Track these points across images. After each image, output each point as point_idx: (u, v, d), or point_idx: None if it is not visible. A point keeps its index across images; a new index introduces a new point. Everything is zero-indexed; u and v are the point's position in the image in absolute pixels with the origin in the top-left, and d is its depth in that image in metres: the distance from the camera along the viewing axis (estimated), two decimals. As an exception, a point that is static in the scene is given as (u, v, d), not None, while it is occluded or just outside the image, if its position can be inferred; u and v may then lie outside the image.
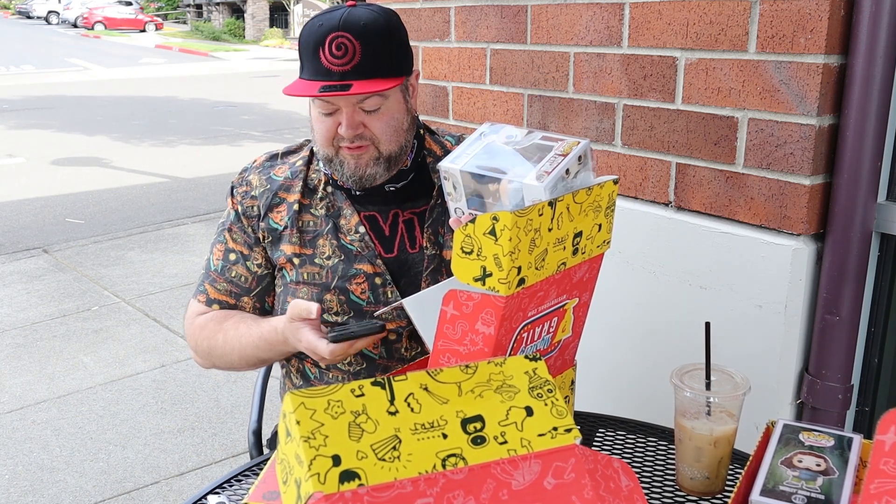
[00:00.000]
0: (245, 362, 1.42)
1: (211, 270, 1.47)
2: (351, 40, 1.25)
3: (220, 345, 1.42)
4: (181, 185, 7.29)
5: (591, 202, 1.03)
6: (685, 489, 1.13)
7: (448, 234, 1.40)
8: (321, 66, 1.26)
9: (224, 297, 1.46)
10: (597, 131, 1.87)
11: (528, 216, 0.91)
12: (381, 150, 1.33)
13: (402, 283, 1.39)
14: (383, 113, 1.31)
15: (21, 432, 3.08)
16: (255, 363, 1.43)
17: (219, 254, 1.47)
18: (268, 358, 1.42)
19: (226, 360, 1.43)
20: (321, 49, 1.26)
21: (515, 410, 0.75)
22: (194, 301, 1.49)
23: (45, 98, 13.59)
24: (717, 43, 1.59)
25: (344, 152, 1.33)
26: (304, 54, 1.30)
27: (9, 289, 4.68)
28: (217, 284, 1.46)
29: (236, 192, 1.46)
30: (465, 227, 0.93)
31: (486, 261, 0.92)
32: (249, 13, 32.32)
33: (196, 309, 1.48)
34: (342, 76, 1.25)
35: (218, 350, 1.42)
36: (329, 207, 1.41)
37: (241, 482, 1.20)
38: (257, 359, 1.41)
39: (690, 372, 1.13)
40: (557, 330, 1.09)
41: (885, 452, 0.76)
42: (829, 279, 1.52)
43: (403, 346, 1.39)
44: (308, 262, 1.40)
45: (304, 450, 0.66)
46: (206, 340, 1.44)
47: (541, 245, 0.96)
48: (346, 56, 1.25)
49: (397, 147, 1.35)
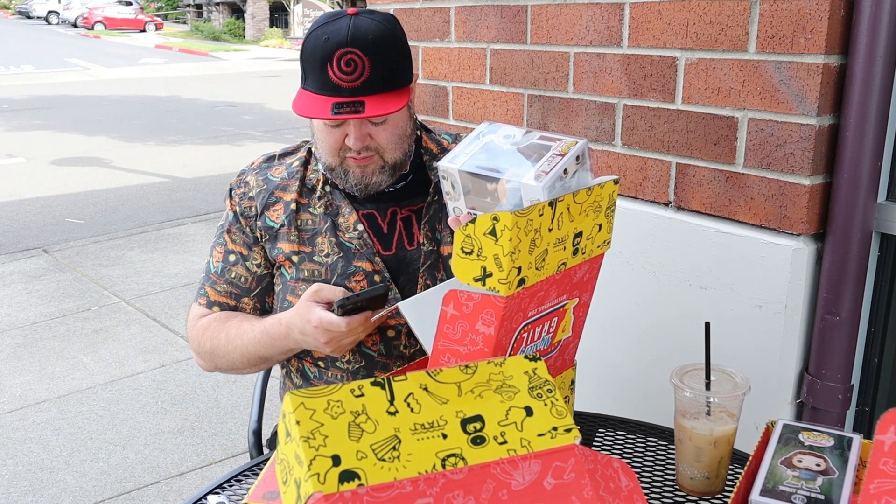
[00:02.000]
0: (246, 361, 1.42)
1: (211, 273, 1.47)
2: (360, 56, 1.24)
3: (222, 344, 1.42)
4: (181, 185, 7.29)
5: (592, 202, 1.03)
6: (685, 489, 1.13)
7: (445, 230, 1.41)
8: (329, 81, 1.26)
9: (224, 299, 1.46)
10: (597, 131, 1.87)
11: (529, 216, 0.91)
12: (386, 158, 1.34)
13: (400, 280, 1.40)
14: (390, 124, 1.32)
15: (21, 432, 3.08)
16: (255, 362, 1.43)
17: (218, 256, 1.47)
18: (268, 356, 1.40)
19: (228, 359, 1.43)
20: (329, 65, 1.25)
21: (515, 410, 0.75)
22: (195, 305, 1.49)
23: (45, 98, 13.59)
24: (717, 43, 1.59)
25: (349, 162, 1.34)
26: (309, 67, 1.29)
27: (9, 289, 4.68)
28: (217, 286, 1.46)
29: (234, 193, 1.47)
30: (466, 227, 0.93)
31: (486, 261, 0.92)
32: (249, 13, 32.32)
33: (197, 312, 1.48)
34: (352, 92, 1.25)
35: (220, 350, 1.42)
36: (327, 206, 1.42)
37: (241, 482, 1.20)
38: (258, 356, 1.40)
39: (690, 372, 1.13)
40: (557, 330, 1.09)
41: (884, 452, 0.76)
42: (829, 279, 1.52)
43: (402, 343, 1.40)
44: (307, 259, 1.40)
45: (304, 450, 0.66)
46: (208, 341, 1.43)
47: (541, 245, 0.96)
48: (355, 72, 1.25)
49: (402, 154, 1.37)
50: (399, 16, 2.36)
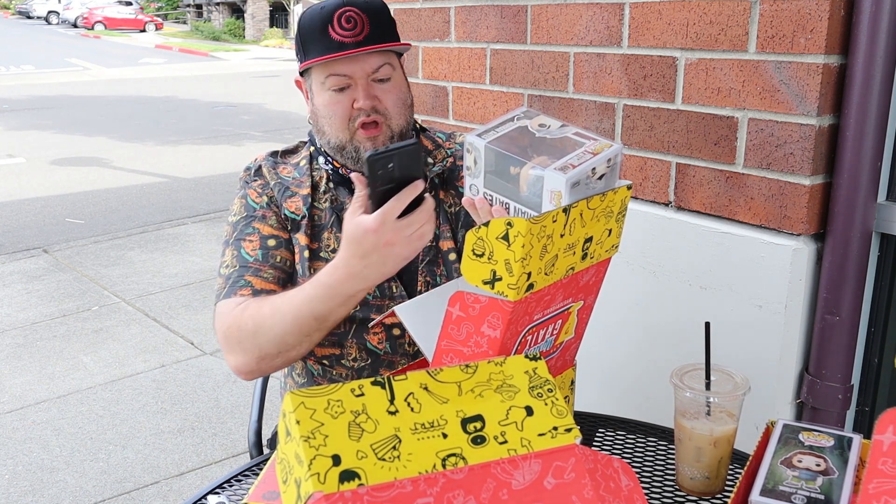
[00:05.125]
0: (298, 327, 1.23)
1: (251, 262, 1.35)
2: (358, 13, 1.30)
3: (267, 315, 1.26)
4: (181, 185, 7.29)
5: (604, 208, 1.01)
6: (685, 489, 1.13)
7: (443, 224, 1.42)
8: (332, 41, 1.29)
9: (272, 286, 1.34)
10: (597, 131, 1.87)
11: (543, 223, 0.90)
12: (392, 126, 1.36)
13: (404, 276, 1.40)
14: (394, 85, 1.36)
15: (21, 432, 3.08)
16: (310, 325, 1.24)
17: (253, 244, 1.37)
18: (325, 312, 1.21)
19: (275, 331, 1.25)
20: (330, 26, 1.29)
21: (515, 410, 0.75)
22: (231, 298, 1.33)
23: (45, 98, 13.59)
24: (717, 43, 1.59)
25: (359, 135, 1.34)
26: (309, 38, 1.32)
27: (9, 289, 4.68)
28: (262, 273, 1.35)
29: (253, 185, 1.43)
30: (479, 229, 0.92)
31: (496, 265, 0.91)
32: (249, 13, 32.32)
33: (235, 302, 1.32)
34: (356, 45, 1.29)
35: (266, 323, 1.25)
36: (333, 201, 1.42)
37: (241, 482, 1.20)
38: (313, 316, 1.22)
39: (690, 372, 1.12)
40: (561, 332, 1.09)
41: (883, 452, 0.76)
42: (829, 279, 1.52)
43: (407, 340, 1.40)
44: (315, 257, 1.40)
45: (304, 449, 0.66)
46: (250, 319, 1.27)
47: (552, 251, 0.95)
48: (356, 28, 1.30)
49: (405, 122, 1.39)
50: (399, 16, 2.36)
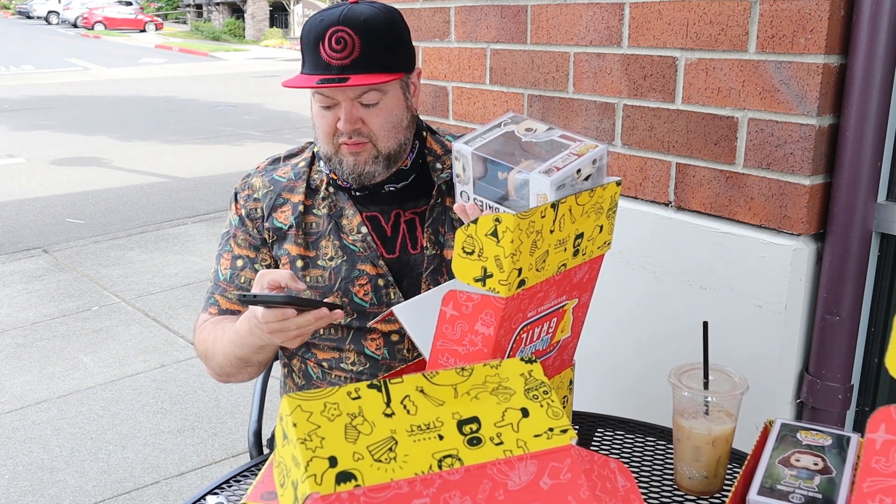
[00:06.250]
0: (228, 362, 1.36)
1: (220, 281, 1.44)
2: (350, 35, 1.26)
3: (210, 344, 1.38)
4: (181, 185, 7.28)
5: (594, 204, 1.03)
6: (684, 489, 1.13)
7: (448, 233, 1.40)
8: (321, 59, 1.27)
9: (235, 306, 1.42)
10: (597, 131, 1.87)
11: (531, 218, 0.91)
12: (379, 147, 1.33)
13: (404, 283, 1.39)
14: (382, 109, 1.31)
15: (21, 432, 3.08)
16: (235, 363, 1.35)
17: (226, 262, 1.45)
18: (244, 355, 1.32)
19: (216, 361, 1.38)
20: (321, 43, 1.27)
21: (511, 412, 0.75)
22: (203, 314, 1.46)
23: (45, 98, 13.59)
24: (717, 43, 1.59)
25: (343, 150, 1.33)
26: (305, 49, 1.31)
27: (9, 289, 4.68)
28: (228, 294, 1.43)
29: (239, 196, 1.45)
30: (468, 227, 0.93)
31: (487, 262, 0.92)
32: (249, 13, 32.33)
33: (203, 319, 1.44)
34: (341, 70, 1.26)
35: (210, 351, 1.38)
36: (331, 207, 1.41)
37: (241, 482, 1.20)
38: (235, 357, 1.34)
39: (689, 371, 1.12)
40: (556, 330, 1.09)
41: (876, 450, 0.76)
42: (829, 279, 1.52)
43: (406, 346, 1.40)
44: (311, 265, 1.39)
45: (301, 451, 0.66)
46: (202, 343, 1.41)
47: (542, 247, 0.95)
48: (345, 50, 1.26)
49: (396, 145, 1.35)
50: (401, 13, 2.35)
